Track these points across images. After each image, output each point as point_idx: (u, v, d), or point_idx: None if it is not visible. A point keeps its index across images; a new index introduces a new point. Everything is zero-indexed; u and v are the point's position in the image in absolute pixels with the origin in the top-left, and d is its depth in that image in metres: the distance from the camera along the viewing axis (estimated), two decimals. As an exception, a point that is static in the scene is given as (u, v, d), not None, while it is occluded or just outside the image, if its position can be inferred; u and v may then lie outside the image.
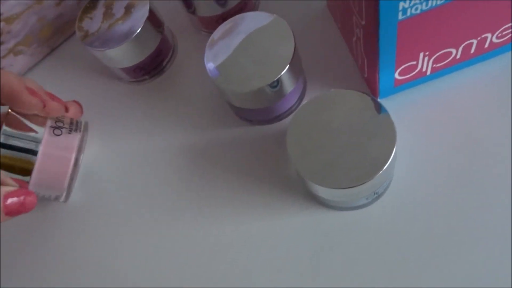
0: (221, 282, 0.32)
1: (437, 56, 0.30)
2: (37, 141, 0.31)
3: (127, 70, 0.39)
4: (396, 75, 0.31)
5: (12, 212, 0.29)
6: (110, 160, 0.38)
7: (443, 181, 0.31)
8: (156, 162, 0.37)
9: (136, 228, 0.35)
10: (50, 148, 0.32)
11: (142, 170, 0.37)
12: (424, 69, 0.31)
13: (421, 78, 0.33)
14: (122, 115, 0.39)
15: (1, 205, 0.29)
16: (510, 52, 0.33)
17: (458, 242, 0.29)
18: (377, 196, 0.30)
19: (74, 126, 0.34)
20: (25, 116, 0.32)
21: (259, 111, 0.34)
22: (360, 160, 0.27)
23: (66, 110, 0.33)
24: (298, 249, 0.32)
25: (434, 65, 0.31)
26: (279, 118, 0.36)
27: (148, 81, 0.40)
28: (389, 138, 0.27)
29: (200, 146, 0.36)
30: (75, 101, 0.35)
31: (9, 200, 0.29)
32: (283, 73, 0.31)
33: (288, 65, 0.31)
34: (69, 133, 0.33)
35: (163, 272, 0.33)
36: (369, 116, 0.28)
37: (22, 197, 0.30)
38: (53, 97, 0.33)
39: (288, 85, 0.33)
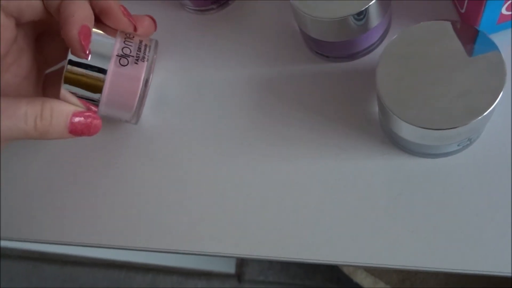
0: (286, 223, 0.31)
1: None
2: (107, 59, 0.30)
3: (194, -3, 0.37)
4: (503, 10, 0.28)
5: (76, 131, 0.29)
6: (176, 90, 0.36)
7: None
8: (223, 95, 0.35)
9: (201, 159, 0.34)
10: (116, 78, 0.31)
11: (209, 102, 0.35)
12: (535, 5, 0.28)
13: (528, 16, 0.29)
14: (189, 45, 0.37)
15: (67, 122, 0.28)
16: None
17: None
18: (469, 143, 0.28)
19: (142, 53, 0.32)
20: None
21: (338, 45, 0.32)
22: (460, 100, 0.24)
23: (135, 29, 0.32)
24: (374, 194, 0.30)
25: (548, 0, 0.28)
26: (358, 55, 0.33)
27: (214, 11, 0.38)
28: (496, 78, 0.24)
29: (270, 81, 0.34)
30: (148, 16, 0.33)
31: (76, 119, 0.29)
32: (372, 3, 0.28)
33: (379, -6, 0.28)
34: (136, 63, 0.32)
35: (224, 206, 0.32)
36: (474, 51, 0.25)
37: (89, 119, 0.30)
38: (127, 13, 0.31)
39: (374, 18, 0.30)
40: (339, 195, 0.30)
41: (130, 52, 0.31)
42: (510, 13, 0.28)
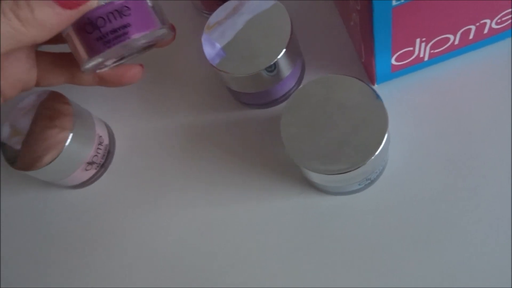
0: (212, 262, 0.33)
1: (434, 42, 0.30)
2: None
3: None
4: (393, 61, 0.31)
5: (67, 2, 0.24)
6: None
7: (438, 169, 0.31)
8: (153, 143, 0.37)
9: (131, 206, 0.36)
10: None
11: (139, 150, 0.38)
12: (421, 55, 0.31)
13: (419, 64, 0.32)
14: (119, 96, 0.40)
15: None
16: (510, 38, 0.33)
17: (448, 231, 0.30)
18: (370, 182, 0.31)
19: (106, 160, 0.38)
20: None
21: (256, 94, 0.35)
22: (352, 147, 0.27)
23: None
24: (290, 231, 0.32)
25: (432, 51, 0.31)
26: (276, 101, 0.36)
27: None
28: (381, 125, 0.27)
29: (198, 128, 0.37)
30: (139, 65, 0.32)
31: None
32: (280, 57, 0.31)
33: (285, 49, 0.31)
34: (96, 169, 0.37)
35: (156, 251, 0.34)
36: (363, 102, 0.28)
37: None
38: None
39: (285, 69, 0.33)
40: (263, 234, 0.33)
41: (98, 159, 0.36)
42: (401, 63, 0.32)
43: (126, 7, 0.26)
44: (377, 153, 0.27)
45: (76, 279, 0.35)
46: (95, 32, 0.26)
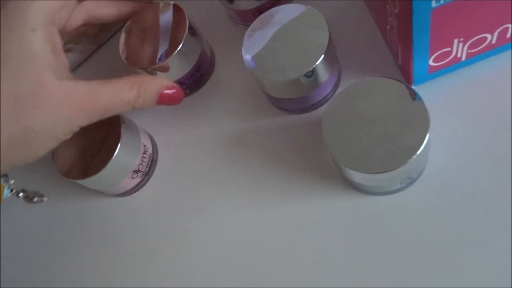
0: (256, 264, 0.34)
1: (472, 42, 0.30)
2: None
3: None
4: (431, 62, 0.32)
5: (162, 103, 0.34)
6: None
7: (477, 167, 0.31)
8: (194, 150, 0.39)
9: (175, 212, 0.37)
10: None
11: (181, 158, 0.39)
12: (459, 55, 0.32)
13: (456, 64, 0.33)
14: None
15: (157, 97, 0.33)
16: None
17: (490, 230, 0.30)
18: (411, 181, 0.31)
19: (149, 169, 0.39)
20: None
21: (295, 100, 0.35)
22: (394, 146, 0.28)
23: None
24: (333, 232, 0.33)
25: (469, 51, 0.32)
26: (314, 106, 0.37)
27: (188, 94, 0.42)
28: (422, 124, 0.28)
29: (238, 135, 0.38)
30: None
31: (165, 92, 0.33)
32: (318, 63, 0.32)
33: (323, 55, 0.32)
34: (141, 177, 0.38)
35: (200, 256, 0.35)
36: (403, 103, 0.29)
37: (173, 90, 0.34)
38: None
39: (323, 74, 0.34)
40: (305, 235, 0.33)
41: (143, 167, 0.38)
42: (438, 64, 0.32)
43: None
44: (419, 152, 0.27)
45: (121, 283, 0.36)
46: None
